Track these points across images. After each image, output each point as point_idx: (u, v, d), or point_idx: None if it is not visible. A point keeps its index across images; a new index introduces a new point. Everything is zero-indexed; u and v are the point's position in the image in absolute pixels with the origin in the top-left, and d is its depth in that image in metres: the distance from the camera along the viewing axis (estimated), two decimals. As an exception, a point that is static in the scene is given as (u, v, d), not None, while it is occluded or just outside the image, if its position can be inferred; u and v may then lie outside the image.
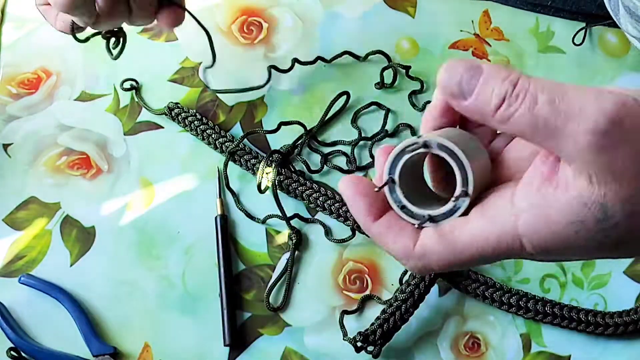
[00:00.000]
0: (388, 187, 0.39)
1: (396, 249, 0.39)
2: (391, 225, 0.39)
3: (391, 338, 0.59)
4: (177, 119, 0.66)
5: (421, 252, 0.38)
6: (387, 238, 0.39)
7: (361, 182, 0.40)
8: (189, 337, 0.61)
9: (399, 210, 0.39)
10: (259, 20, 0.70)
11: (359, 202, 0.39)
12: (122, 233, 0.64)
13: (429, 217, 0.38)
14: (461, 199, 0.37)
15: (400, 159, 0.38)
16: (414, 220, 0.38)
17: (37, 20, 0.71)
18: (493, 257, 0.37)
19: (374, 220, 0.39)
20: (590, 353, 0.60)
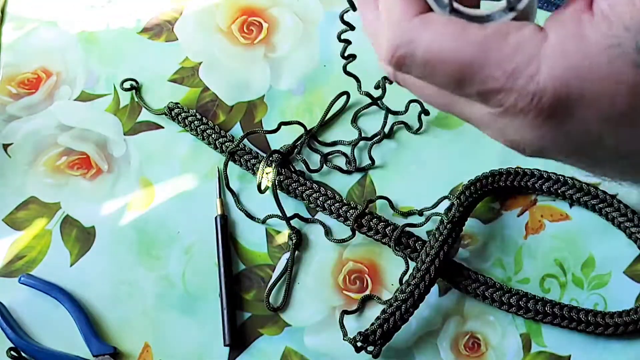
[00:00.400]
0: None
1: (395, 7, 0.32)
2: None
3: (391, 338, 0.59)
4: (177, 119, 0.66)
5: (418, 23, 0.31)
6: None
7: None
8: (189, 337, 0.61)
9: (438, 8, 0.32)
10: (259, 20, 0.70)
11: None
12: (122, 233, 0.64)
13: (453, 9, 0.32)
14: (501, 12, 0.31)
15: None
16: (435, 4, 0.32)
17: (37, 20, 0.71)
18: (489, 74, 0.30)
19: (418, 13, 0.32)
20: (590, 353, 0.60)
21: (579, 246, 0.63)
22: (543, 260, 0.62)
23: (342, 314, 0.60)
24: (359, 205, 0.63)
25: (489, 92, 0.31)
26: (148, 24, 0.70)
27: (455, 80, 0.31)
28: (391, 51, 0.32)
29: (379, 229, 0.62)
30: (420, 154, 0.66)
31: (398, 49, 0.32)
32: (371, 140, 0.66)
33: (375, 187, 0.65)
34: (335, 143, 0.67)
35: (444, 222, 0.61)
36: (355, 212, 0.62)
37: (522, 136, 0.32)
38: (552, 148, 0.32)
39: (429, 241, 0.61)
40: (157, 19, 0.71)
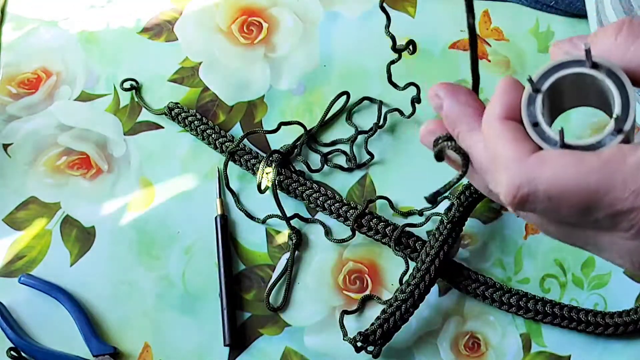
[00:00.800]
0: (528, 96, 0.34)
1: (508, 150, 0.33)
2: (517, 130, 0.34)
3: (391, 338, 0.59)
4: (177, 119, 0.66)
5: (536, 162, 0.32)
6: (504, 136, 0.33)
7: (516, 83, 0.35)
8: (189, 337, 0.61)
9: (529, 126, 0.34)
10: (259, 20, 0.70)
11: (507, 95, 0.35)
12: (122, 233, 0.64)
13: (563, 144, 0.33)
14: (610, 136, 0.32)
15: (553, 73, 0.34)
16: (544, 143, 0.33)
17: (37, 20, 0.71)
18: (617, 196, 0.31)
19: (505, 117, 0.34)
20: (590, 353, 0.60)
21: (579, 246, 0.62)
22: (543, 260, 0.62)
23: (342, 314, 0.60)
24: (359, 205, 0.63)
25: (619, 214, 0.31)
26: (148, 24, 0.70)
27: (581, 210, 0.32)
28: (513, 192, 0.33)
29: (379, 229, 0.62)
30: (420, 154, 0.66)
31: (520, 189, 0.32)
32: (367, 133, 0.66)
33: (375, 187, 0.65)
34: (335, 142, 0.66)
35: (444, 222, 0.61)
36: (355, 212, 0.62)
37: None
38: None
39: (429, 241, 0.61)
40: (157, 19, 0.71)
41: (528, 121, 0.34)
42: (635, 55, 0.32)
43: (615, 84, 0.32)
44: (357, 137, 0.66)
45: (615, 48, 0.33)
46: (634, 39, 0.32)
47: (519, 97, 0.34)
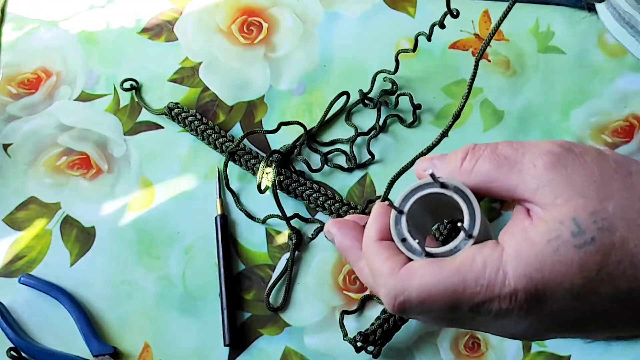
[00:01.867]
0: (395, 217, 0.41)
1: (383, 267, 0.40)
2: (389, 248, 0.41)
3: (391, 338, 0.59)
4: (177, 119, 0.66)
5: (405, 274, 0.39)
6: (380, 256, 0.41)
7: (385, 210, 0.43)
8: (189, 337, 0.61)
9: (399, 242, 0.41)
10: (259, 20, 0.70)
11: (379, 220, 0.42)
12: (122, 233, 0.64)
13: (427, 253, 0.39)
14: (464, 241, 0.39)
15: (412, 195, 0.41)
16: (412, 254, 0.40)
17: (37, 20, 0.71)
18: (472, 292, 0.37)
19: (379, 239, 0.42)
20: (590, 353, 0.60)
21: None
22: (543, 260, 0.62)
23: (342, 314, 0.60)
24: (359, 205, 0.63)
25: (478, 306, 0.37)
26: (148, 24, 0.70)
27: (449, 307, 0.38)
28: (391, 301, 0.39)
29: (379, 229, 0.62)
30: (420, 154, 0.66)
31: (397, 299, 0.39)
32: (368, 134, 0.66)
33: (375, 187, 0.65)
34: (334, 142, 0.66)
35: (443, 222, 0.61)
36: (355, 212, 0.62)
37: (517, 329, 0.38)
38: (543, 330, 0.38)
39: (429, 241, 0.61)
40: (157, 19, 0.71)
41: (397, 238, 0.41)
42: (476, 176, 0.40)
43: (462, 198, 0.39)
44: (357, 138, 0.66)
45: (461, 172, 0.40)
46: (474, 164, 0.40)
47: (386, 222, 0.42)
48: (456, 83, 0.68)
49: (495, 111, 0.67)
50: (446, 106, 0.67)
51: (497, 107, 0.67)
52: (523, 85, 0.67)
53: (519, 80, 0.68)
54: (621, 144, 0.66)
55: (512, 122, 0.67)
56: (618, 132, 0.66)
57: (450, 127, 0.53)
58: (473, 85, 0.55)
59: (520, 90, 0.67)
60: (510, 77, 0.68)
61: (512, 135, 0.66)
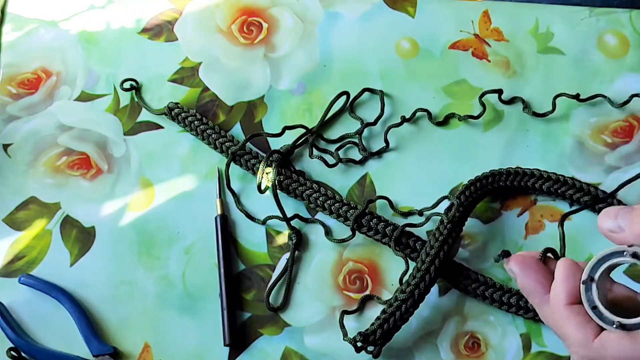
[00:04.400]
0: (585, 285, 0.41)
1: (576, 336, 0.42)
2: (580, 314, 0.42)
3: (391, 338, 0.59)
4: (177, 119, 0.66)
5: (599, 346, 0.40)
6: (572, 323, 0.42)
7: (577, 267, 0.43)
8: (189, 337, 0.61)
9: (589, 310, 0.41)
10: (259, 20, 0.70)
11: (568, 282, 0.43)
12: (122, 233, 0.64)
13: (619, 325, 0.40)
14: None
15: (603, 263, 0.41)
16: (603, 323, 0.41)
17: (37, 20, 0.71)
18: None
19: (570, 303, 0.42)
20: (590, 353, 0.60)
21: (579, 246, 0.63)
22: (543, 260, 0.62)
23: (342, 314, 0.60)
24: (359, 205, 0.63)
25: None
26: (148, 24, 0.70)
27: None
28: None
29: (379, 229, 0.62)
30: (420, 154, 0.66)
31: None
32: (374, 124, 0.66)
33: (375, 187, 0.65)
34: (342, 137, 0.66)
35: (444, 222, 0.61)
36: (355, 212, 0.62)
37: None
38: None
39: (429, 241, 0.61)
40: (157, 19, 0.71)
41: (588, 306, 0.41)
42: None
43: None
44: (364, 130, 0.66)
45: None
46: None
47: (578, 280, 0.42)
48: (456, 83, 0.68)
49: (495, 111, 0.67)
50: (446, 106, 0.67)
51: (497, 107, 0.67)
52: (523, 85, 0.67)
53: (519, 81, 0.68)
54: (621, 144, 0.66)
55: (512, 122, 0.67)
56: (618, 132, 0.66)
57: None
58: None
59: (521, 90, 0.67)
60: (510, 77, 0.68)
61: (512, 136, 0.66)
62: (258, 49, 0.69)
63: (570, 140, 0.66)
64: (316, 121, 0.66)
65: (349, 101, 0.67)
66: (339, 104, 0.67)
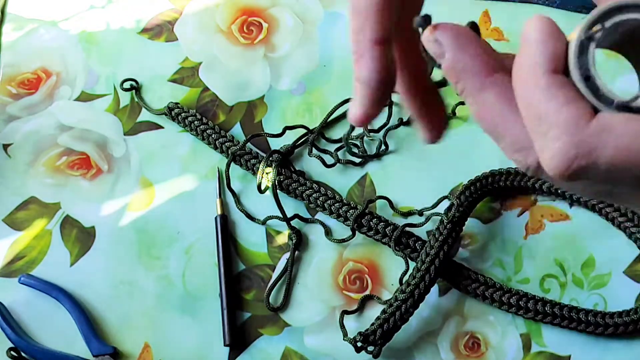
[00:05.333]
0: (580, 43, 0.29)
1: (563, 113, 0.29)
2: (566, 87, 0.29)
3: (391, 338, 0.59)
4: (177, 119, 0.66)
5: (598, 129, 0.28)
6: (556, 96, 0.29)
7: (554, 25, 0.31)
8: (189, 337, 0.61)
9: (580, 81, 0.29)
10: (259, 20, 0.70)
11: (549, 42, 0.30)
12: (122, 233, 0.64)
13: (620, 103, 0.29)
14: None
15: (608, 18, 0.29)
16: (598, 102, 0.29)
17: (37, 21, 0.71)
18: None
19: (552, 72, 0.30)
20: (590, 353, 0.60)
21: (579, 246, 0.63)
22: (543, 260, 0.62)
23: (342, 314, 0.60)
24: (359, 205, 0.63)
25: None
26: (148, 24, 0.70)
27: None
28: (566, 163, 0.29)
29: (379, 229, 0.62)
30: (420, 154, 0.66)
31: (577, 161, 0.29)
32: (378, 132, 0.66)
33: (375, 187, 0.65)
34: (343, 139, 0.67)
35: (444, 222, 0.61)
36: (355, 212, 0.62)
37: None
38: None
39: (429, 241, 0.61)
40: (157, 19, 0.71)
41: (578, 74, 0.29)
42: None
43: None
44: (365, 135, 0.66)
45: None
46: None
47: (561, 46, 0.30)
48: (456, 83, 0.68)
49: (495, 111, 0.67)
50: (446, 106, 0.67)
51: (497, 107, 0.67)
52: (523, 85, 0.67)
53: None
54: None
55: (512, 122, 0.66)
56: (618, 132, 0.66)
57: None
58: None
59: (520, 90, 0.67)
60: (510, 77, 0.68)
61: (512, 135, 0.66)
62: (258, 49, 0.69)
63: (571, 140, 0.66)
64: (316, 121, 0.66)
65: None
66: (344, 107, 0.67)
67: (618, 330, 0.59)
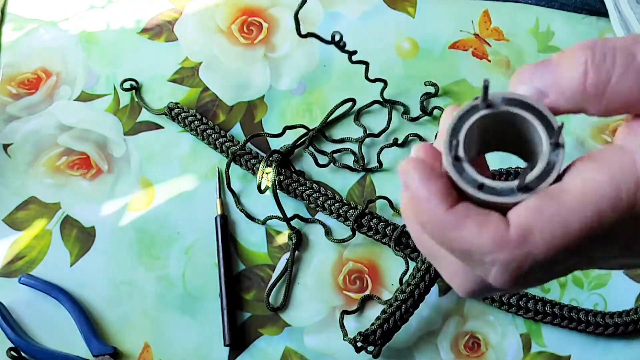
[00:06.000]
0: (454, 167, 0.30)
1: (484, 239, 0.29)
2: (470, 212, 0.29)
3: (391, 338, 0.59)
4: (177, 119, 0.66)
5: (520, 234, 0.28)
6: (468, 229, 0.29)
7: (433, 158, 0.31)
8: (189, 337, 0.61)
9: (476, 192, 0.30)
10: (259, 20, 0.70)
11: (433, 185, 0.30)
12: (122, 233, 0.64)
13: (521, 187, 0.29)
14: (553, 153, 0.29)
15: (460, 129, 0.30)
16: (501, 197, 0.29)
17: (37, 21, 0.71)
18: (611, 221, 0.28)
19: (448, 208, 0.29)
20: (590, 353, 0.60)
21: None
22: (543, 260, 0.62)
23: (342, 314, 0.60)
24: (359, 205, 0.63)
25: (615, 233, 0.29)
26: (148, 24, 0.70)
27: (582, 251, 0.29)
28: (511, 276, 0.29)
29: (379, 229, 0.62)
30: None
31: (520, 269, 0.29)
32: (378, 136, 0.66)
33: (375, 187, 0.65)
34: (343, 140, 0.66)
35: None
36: (355, 212, 0.62)
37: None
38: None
39: (429, 241, 0.61)
40: (157, 19, 0.71)
41: (471, 187, 0.30)
42: (611, 99, 0.29)
43: (519, 107, 0.30)
44: (365, 139, 0.66)
45: (585, 94, 0.29)
46: (606, 81, 0.29)
47: (439, 174, 0.30)
48: (456, 83, 0.68)
49: (495, 111, 0.67)
50: (446, 106, 0.67)
51: (497, 107, 0.67)
52: (523, 85, 0.67)
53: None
54: (621, 144, 0.65)
55: (512, 122, 0.66)
56: (618, 132, 0.66)
57: None
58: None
59: (520, 90, 0.67)
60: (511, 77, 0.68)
61: (512, 135, 0.66)
62: (258, 49, 0.69)
63: (571, 139, 0.66)
64: (316, 121, 0.66)
65: (356, 108, 0.67)
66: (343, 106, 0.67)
67: (618, 330, 0.59)
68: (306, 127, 0.66)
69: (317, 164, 0.65)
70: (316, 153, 0.66)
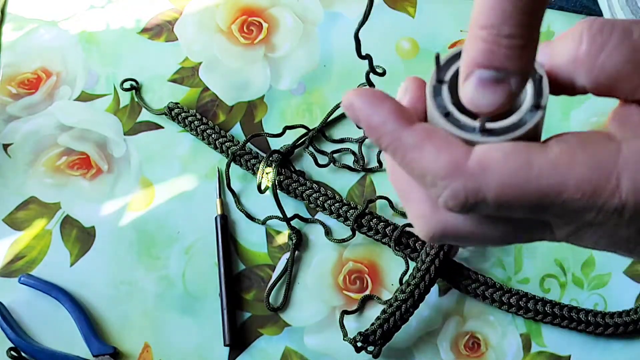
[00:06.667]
0: (432, 88, 0.31)
1: (439, 163, 0.29)
2: (431, 133, 0.29)
3: (391, 338, 0.59)
4: (177, 119, 0.66)
5: (476, 168, 0.28)
6: (427, 149, 0.29)
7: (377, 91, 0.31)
8: (189, 337, 0.61)
9: (441, 118, 0.30)
10: (259, 20, 0.70)
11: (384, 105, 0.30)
12: (122, 233, 0.64)
13: (484, 130, 0.29)
14: (530, 113, 0.29)
15: (452, 64, 0.31)
16: (462, 132, 0.30)
17: (37, 21, 0.71)
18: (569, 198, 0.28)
19: (407, 125, 0.30)
20: (590, 353, 0.60)
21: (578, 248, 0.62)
22: (543, 260, 0.62)
23: (342, 314, 0.60)
24: (359, 205, 0.63)
25: (570, 214, 0.29)
26: (148, 24, 0.70)
27: (530, 211, 0.29)
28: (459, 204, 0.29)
29: (379, 229, 0.62)
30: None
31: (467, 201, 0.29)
32: None
33: (375, 187, 0.65)
34: (343, 140, 0.66)
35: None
36: (355, 212, 0.62)
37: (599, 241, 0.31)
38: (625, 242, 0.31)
39: (429, 241, 0.61)
40: (157, 19, 0.71)
41: (438, 113, 0.30)
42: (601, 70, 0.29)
43: None
44: (365, 139, 0.66)
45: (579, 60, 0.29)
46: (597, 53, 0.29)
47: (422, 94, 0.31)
48: (456, 83, 0.68)
49: (495, 111, 0.67)
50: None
51: (497, 107, 0.67)
52: (523, 85, 0.67)
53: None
54: (621, 144, 0.65)
55: (512, 122, 0.66)
56: (618, 132, 0.66)
57: None
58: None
59: (520, 90, 0.67)
60: (510, 77, 0.68)
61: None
62: (258, 49, 0.69)
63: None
64: (316, 121, 0.66)
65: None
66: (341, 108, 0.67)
67: (618, 330, 0.59)
68: (306, 127, 0.66)
69: (317, 164, 0.65)
70: (316, 153, 0.66)
